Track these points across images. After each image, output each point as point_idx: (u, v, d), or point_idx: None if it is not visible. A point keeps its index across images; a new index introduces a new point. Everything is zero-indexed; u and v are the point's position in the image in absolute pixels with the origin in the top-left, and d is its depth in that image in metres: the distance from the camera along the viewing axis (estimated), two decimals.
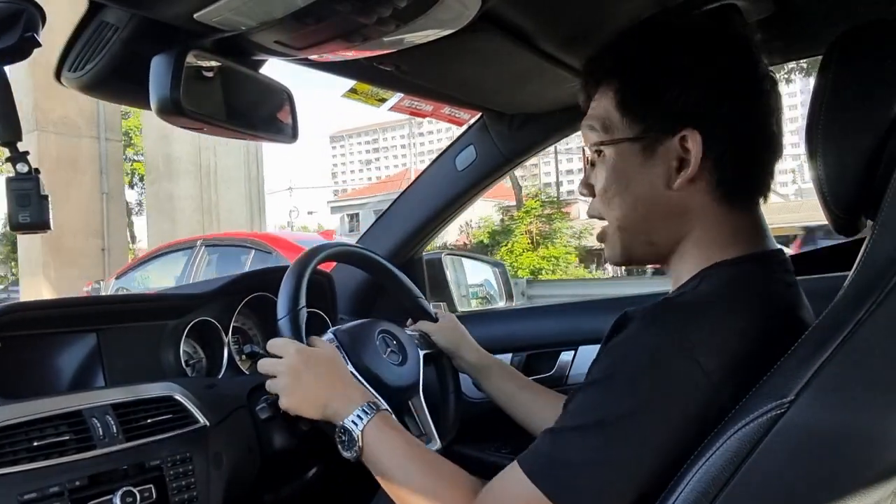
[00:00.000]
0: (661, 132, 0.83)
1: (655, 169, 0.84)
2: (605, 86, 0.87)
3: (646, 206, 0.86)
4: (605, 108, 0.87)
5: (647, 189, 0.85)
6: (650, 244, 0.89)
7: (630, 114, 0.85)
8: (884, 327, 0.63)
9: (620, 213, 0.87)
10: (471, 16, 0.96)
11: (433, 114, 1.65)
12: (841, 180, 0.76)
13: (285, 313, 1.20)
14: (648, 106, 0.84)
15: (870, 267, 0.67)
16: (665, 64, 0.83)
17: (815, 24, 1.11)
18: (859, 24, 0.76)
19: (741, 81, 0.82)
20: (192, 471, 1.17)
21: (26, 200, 0.90)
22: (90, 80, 1.00)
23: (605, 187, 0.88)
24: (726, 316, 0.76)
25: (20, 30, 0.82)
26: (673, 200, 0.84)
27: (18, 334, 1.19)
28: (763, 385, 0.67)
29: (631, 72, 0.86)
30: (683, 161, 0.82)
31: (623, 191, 0.86)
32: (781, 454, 0.63)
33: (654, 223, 0.87)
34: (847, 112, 0.75)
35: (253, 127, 1.13)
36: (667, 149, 0.83)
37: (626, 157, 0.86)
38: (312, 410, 1.06)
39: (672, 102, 0.82)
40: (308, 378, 1.07)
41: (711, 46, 0.83)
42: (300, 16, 0.87)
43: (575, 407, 0.78)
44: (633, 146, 0.85)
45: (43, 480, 0.99)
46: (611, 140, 0.86)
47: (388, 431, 0.98)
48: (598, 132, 0.88)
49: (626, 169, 0.86)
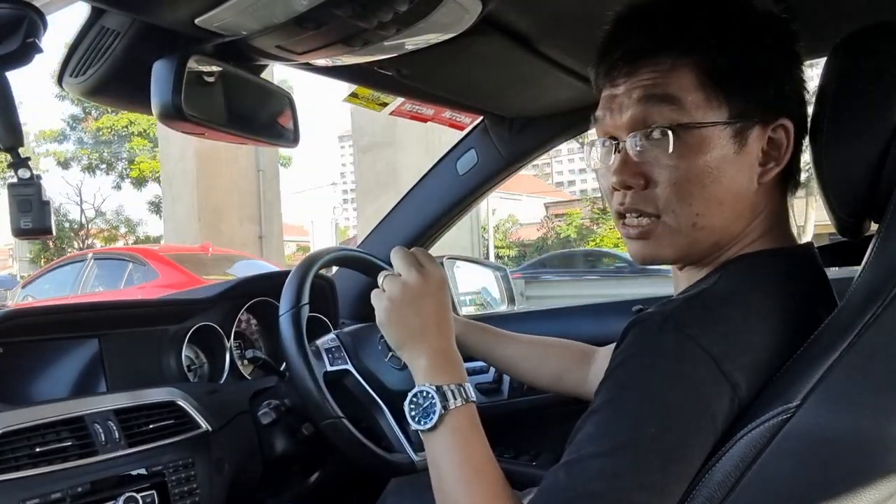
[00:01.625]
0: (758, 119, 0.74)
1: (746, 160, 0.75)
2: (686, 55, 0.74)
3: (732, 201, 0.75)
4: (682, 84, 0.74)
5: (735, 183, 0.75)
6: (715, 244, 0.78)
7: (722, 94, 0.74)
8: (890, 330, 0.63)
9: (702, 210, 0.75)
10: (472, 20, 0.96)
11: (434, 118, 1.65)
12: (846, 184, 0.76)
13: (287, 309, 1.20)
14: (748, 88, 0.74)
15: (876, 270, 0.67)
16: (765, 42, 0.74)
17: (818, 26, 1.11)
18: (864, 27, 0.76)
19: (802, 72, 0.79)
20: (194, 476, 1.17)
21: (28, 206, 0.90)
22: (92, 86, 1.00)
23: (684, 177, 0.74)
24: (751, 321, 0.69)
25: (22, 35, 0.82)
26: (757, 196, 0.76)
27: (20, 340, 1.19)
28: (769, 389, 0.67)
29: (728, 45, 0.74)
30: (768, 153, 0.75)
31: (709, 183, 0.74)
32: (787, 459, 0.62)
33: (732, 220, 0.76)
34: (851, 115, 0.75)
35: (254, 131, 1.13)
36: (756, 137, 0.75)
37: (714, 145, 0.73)
38: (406, 339, 0.89)
39: (769, 86, 0.75)
40: (410, 313, 0.89)
41: (779, 29, 0.77)
42: (301, 20, 0.86)
43: (593, 431, 0.66)
44: (724, 132, 0.74)
45: (45, 486, 0.98)
46: (699, 123, 0.73)
47: (475, 428, 0.82)
48: (672, 110, 0.74)
49: (715, 158, 0.74)
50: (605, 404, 0.67)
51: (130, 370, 1.32)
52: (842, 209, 0.77)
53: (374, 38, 0.94)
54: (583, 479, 0.64)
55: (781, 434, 0.62)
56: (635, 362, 0.68)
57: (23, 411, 1.04)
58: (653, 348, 0.67)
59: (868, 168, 0.73)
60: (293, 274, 1.25)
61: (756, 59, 0.74)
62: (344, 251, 1.45)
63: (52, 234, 0.94)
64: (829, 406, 0.63)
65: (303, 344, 1.18)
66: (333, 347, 1.28)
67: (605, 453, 0.64)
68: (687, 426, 0.64)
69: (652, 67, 0.75)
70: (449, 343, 0.89)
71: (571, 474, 0.65)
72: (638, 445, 0.63)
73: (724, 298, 0.71)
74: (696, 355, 0.65)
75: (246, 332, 1.59)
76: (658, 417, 0.64)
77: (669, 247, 0.78)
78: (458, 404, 0.81)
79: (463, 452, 0.79)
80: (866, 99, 0.74)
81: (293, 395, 1.28)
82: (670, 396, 0.64)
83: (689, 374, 0.64)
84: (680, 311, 0.69)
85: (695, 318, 0.68)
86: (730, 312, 0.69)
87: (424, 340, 0.87)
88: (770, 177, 0.76)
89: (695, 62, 0.74)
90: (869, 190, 0.74)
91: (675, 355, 0.66)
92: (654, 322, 0.68)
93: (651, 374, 0.66)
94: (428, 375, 0.85)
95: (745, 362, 0.66)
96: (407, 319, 0.88)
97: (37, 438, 1.02)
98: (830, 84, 0.75)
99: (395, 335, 0.89)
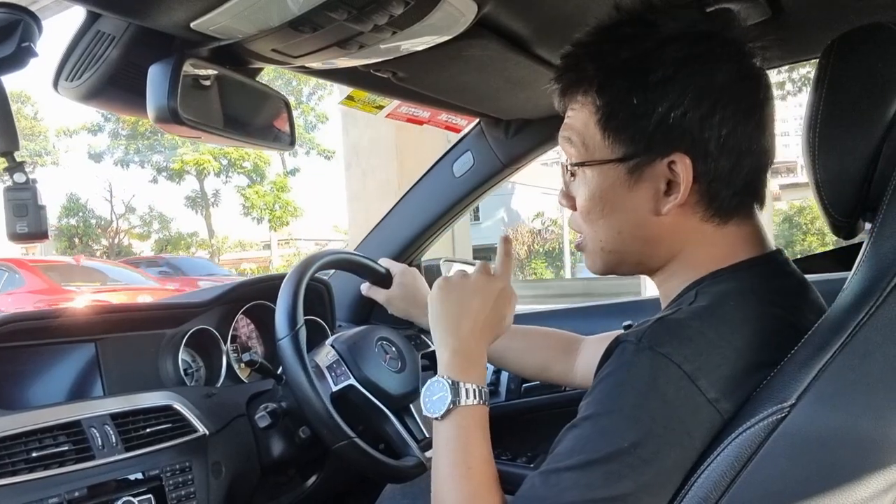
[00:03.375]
0: (648, 155, 0.76)
1: (641, 193, 0.78)
2: (584, 95, 0.79)
3: (632, 231, 0.80)
4: (584, 122, 0.79)
5: (632, 215, 0.79)
6: (637, 264, 0.84)
7: (613, 132, 0.77)
8: (883, 329, 0.63)
9: (604, 236, 0.82)
10: (467, 22, 0.96)
11: (430, 121, 1.65)
12: (839, 184, 0.76)
13: (285, 334, 1.20)
14: (635, 125, 0.76)
15: (869, 269, 0.67)
16: (655, 75, 0.74)
17: (810, 27, 1.11)
18: (855, 28, 0.76)
19: (737, 94, 0.75)
20: (191, 480, 1.17)
21: (24, 210, 0.90)
22: (87, 90, 1.00)
23: (588, 208, 0.81)
24: (725, 334, 0.70)
25: (17, 39, 0.82)
26: (662, 225, 0.78)
27: (16, 345, 1.19)
28: (764, 389, 0.67)
29: (614, 84, 0.77)
30: (672, 184, 0.76)
31: (607, 214, 0.80)
32: (782, 459, 0.63)
33: (640, 247, 0.81)
34: (844, 115, 0.75)
35: (250, 135, 1.13)
36: (654, 172, 0.76)
37: (608, 180, 0.79)
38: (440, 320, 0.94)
39: (661, 122, 0.74)
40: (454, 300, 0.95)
41: (707, 53, 0.74)
42: (296, 24, 0.87)
43: (571, 444, 0.70)
44: (616, 168, 0.78)
45: (42, 491, 0.98)
46: (592, 161, 0.79)
47: (479, 429, 0.86)
48: (577, 148, 0.81)
49: (609, 192, 0.79)
50: (583, 420, 0.71)
51: (127, 374, 1.32)
52: (835, 209, 0.77)
53: (370, 41, 0.94)
54: (558, 489, 0.68)
55: (776, 434, 0.63)
56: (612, 380, 0.71)
57: (19, 416, 1.04)
58: (629, 367, 0.70)
59: (861, 168, 0.74)
60: (285, 286, 1.25)
61: (636, 98, 0.75)
62: (339, 254, 1.45)
63: (48, 238, 0.94)
64: (823, 405, 0.63)
65: (306, 368, 1.18)
66: (333, 363, 1.28)
67: (579, 466, 0.68)
68: (660, 441, 0.66)
69: (571, 106, 0.82)
70: (477, 345, 0.93)
71: (548, 484, 0.69)
72: (610, 459, 0.66)
73: (696, 315, 0.73)
74: (671, 372, 0.67)
75: (242, 335, 1.59)
76: (631, 433, 0.66)
77: (596, 261, 0.85)
78: (469, 403, 0.86)
79: (462, 448, 0.83)
80: (858, 99, 0.74)
81: (290, 398, 1.28)
82: (644, 413, 0.67)
83: (663, 392, 0.67)
84: (653, 331, 0.71)
85: (668, 337, 0.70)
86: (702, 328, 0.71)
87: (456, 333, 0.92)
88: (670, 207, 0.76)
89: (595, 102, 0.78)
90: (861, 190, 0.74)
91: (650, 374, 0.68)
92: (630, 342, 0.71)
93: (626, 392, 0.69)
94: (447, 368, 0.89)
95: (722, 376, 0.68)
96: (449, 305, 0.94)
97: (33, 443, 1.02)
98: (823, 84, 0.76)
99: (433, 315, 0.95)
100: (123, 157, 25.00)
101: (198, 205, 26.25)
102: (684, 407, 0.67)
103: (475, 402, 0.86)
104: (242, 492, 1.29)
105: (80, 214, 25.07)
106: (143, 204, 29.74)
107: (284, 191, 25.07)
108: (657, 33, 0.76)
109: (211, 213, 26.34)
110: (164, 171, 24.79)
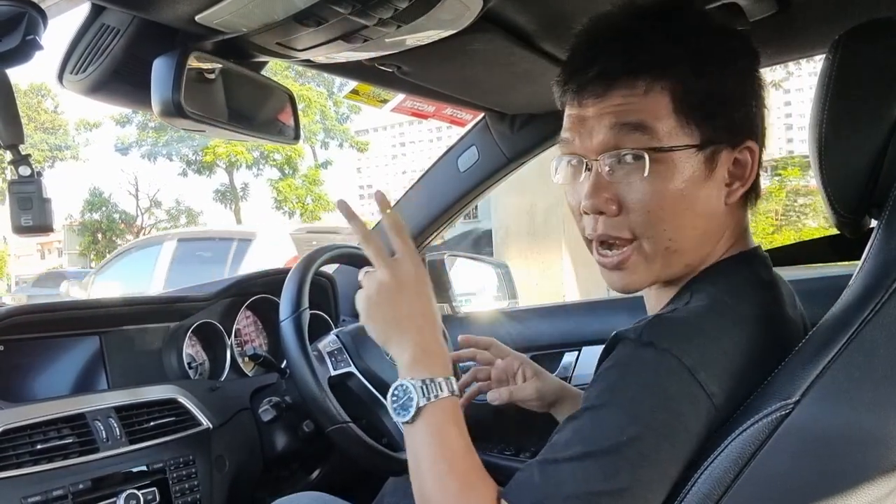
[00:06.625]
0: (727, 142, 0.76)
1: (715, 182, 0.76)
2: (660, 80, 0.74)
3: (704, 224, 0.78)
4: (656, 108, 0.74)
5: (706, 205, 0.77)
6: (686, 265, 0.80)
7: (694, 119, 0.75)
8: (889, 326, 0.63)
9: (675, 234, 0.77)
10: (472, 16, 0.96)
11: (435, 115, 1.65)
12: (845, 180, 0.76)
13: (288, 315, 1.20)
14: (721, 111, 0.75)
15: (875, 266, 0.67)
16: (733, 64, 0.76)
17: (817, 23, 1.11)
18: (861, 23, 0.76)
19: (763, 89, 0.80)
20: (195, 473, 1.17)
21: (28, 203, 0.90)
22: (92, 83, 1.00)
23: (656, 202, 0.75)
24: (721, 330, 0.71)
25: (22, 33, 0.82)
26: (726, 216, 0.79)
27: (21, 338, 1.19)
28: (768, 385, 0.67)
29: (704, 70, 0.75)
30: (734, 174, 0.77)
31: (684, 208, 0.76)
32: (786, 455, 0.63)
33: (703, 241, 0.79)
34: (850, 112, 0.74)
35: (254, 128, 1.13)
36: (724, 160, 0.76)
37: (686, 169, 0.75)
38: (386, 335, 0.87)
39: (738, 109, 0.76)
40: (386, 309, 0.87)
41: (748, 50, 0.79)
42: (301, 17, 0.87)
43: (570, 436, 0.69)
44: (695, 156, 0.75)
45: (46, 483, 0.99)
46: (671, 147, 0.74)
47: (450, 423, 0.81)
48: (644, 134, 0.75)
49: (688, 182, 0.75)
50: (584, 412, 0.70)
51: (131, 367, 1.33)
52: (841, 205, 0.77)
53: (375, 34, 0.94)
54: (555, 480, 0.67)
55: (780, 430, 0.62)
56: (613, 374, 0.70)
57: (24, 408, 1.04)
58: (629, 361, 0.70)
59: (867, 164, 0.73)
60: (292, 275, 1.26)
61: (729, 84, 0.76)
62: (343, 248, 1.45)
63: (52, 231, 0.95)
64: (827, 402, 0.63)
65: (305, 349, 1.19)
66: (335, 350, 1.28)
67: (577, 457, 0.67)
68: (659, 435, 0.66)
69: (626, 91, 0.75)
70: (430, 336, 0.86)
71: (545, 474, 0.69)
72: (609, 452, 0.66)
73: (695, 311, 0.73)
74: (672, 366, 0.67)
75: (246, 329, 1.59)
76: (631, 426, 0.66)
77: (644, 273, 0.80)
78: (434, 399, 0.81)
79: (437, 446, 0.79)
80: (865, 95, 0.74)
81: (294, 392, 1.28)
82: (643, 407, 0.66)
83: (663, 386, 0.67)
84: (652, 326, 0.71)
85: (669, 332, 0.70)
86: (701, 323, 0.71)
87: (404, 335, 0.86)
88: (736, 196, 0.78)
89: (670, 87, 0.74)
90: (868, 186, 0.74)
91: (651, 367, 0.68)
92: (630, 339, 0.71)
93: (626, 385, 0.68)
94: (407, 370, 0.84)
95: (721, 370, 0.68)
96: (384, 316, 0.87)
97: (38, 436, 1.02)
98: (829, 80, 0.75)
99: (375, 332, 0.88)
100: (151, 150, 24.70)
101: (227, 198, 25.91)
102: (684, 402, 0.67)
103: (446, 395, 0.81)
104: (246, 485, 1.30)
105: (104, 209, 24.86)
106: (170, 198, 29.42)
107: (317, 184, 24.58)
108: (720, 25, 0.79)
109: (240, 207, 26.17)
110: (194, 165, 24.51)
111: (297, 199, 23.89)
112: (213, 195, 26.12)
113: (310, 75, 21.45)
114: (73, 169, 24.76)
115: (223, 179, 25.50)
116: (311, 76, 22.02)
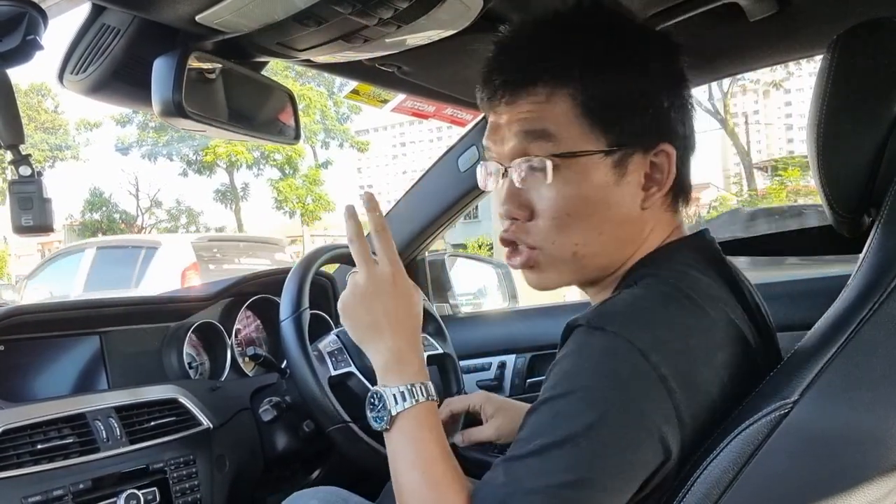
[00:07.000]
0: (637, 146, 0.75)
1: (627, 188, 0.76)
2: (561, 86, 0.74)
3: (613, 229, 0.77)
4: (559, 114, 0.74)
5: (619, 210, 0.76)
6: (601, 269, 0.80)
7: (600, 123, 0.74)
8: (888, 326, 0.63)
9: (581, 239, 0.77)
10: (473, 16, 0.96)
11: (435, 115, 1.65)
12: (844, 180, 0.76)
13: (288, 315, 1.20)
14: (628, 116, 0.74)
15: (874, 265, 0.67)
16: (640, 65, 0.75)
17: (817, 23, 1.11)
18: (861, 23, 0.76)
19: (687, 88, 0.79)
20: (195, 473, 1.17)
21: (29, 203, 0.90)
22: (92, 83, 1.00)
23: (563, 209, 0.76)
24: (670, 313, 0.70)
25: (22, 33, 0.82)
26: (641, 220, 0.78)
27: (21, 337, 1.19)
28: (766, 385, 0.67)
29: (601, 72, 0.74)
30: (650, 177, 0.76)
31: (590, 213, 0.76)
32: (785, 455, 0.63)
33: (616, 246, 0.78)
34: (849, 111, 0.75)
35: (255, 128, 1.13)
36: (637, 164, 0.75)
37: (594, 174, 0.74)
38: (361, 338, 0.87)
39: (656, 113, 0.75)
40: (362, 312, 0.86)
41: (669, 48, 0.78)
42: (302, 17, 0.87)
43: (530, 431, 0.69)
44: (604, 161, 0.74)
45: (46, 483, 0.99)
46: (574, 152, 0.74)
47: (423, 429, 0.81)
48: (548, 141, 0.75)
49: (595, 188, 0.75)
50: (541, 404, 0.69)
51: (131, 367, 1.33)
52: (839, 205, 0.77)
53: (375, 34, 0.94)
54: (517, 476, 0.67)
55: (779, 430, 0.62)
56: (566, 362, 0.70)
57: (24, 408, 1.04)
58: (580, 347, 0.69)
59: (866, 163, 0.73)
60: (292, 275, 1.26)
61: (631, 87, 0.74)
62: (343, 248, 1.45)
63: (53, 231, 0.95)
64: (827, 401, 0.63)
65: (306, 349, 1.19)
66: (336, 350, 1.28)
67: (537, 451, 0.66)
68: (615, 421, 0.65)
69: (530, 98, 0.76)
70: (404, 342, 0.85)
71: (508, 472, 0.68)
72: (566, 442, 0.65)
73: (642, 295, 0.72)
74: (623, 349, 0.66)
75: (246, 329, 1.59)
76: (586, 414, 0.65)
77: (555, 274, 0.80)
78: (407, 407, 0.81)
79: (412, 453, 0.80)
80: (863, 95, 0.74)
81: (294, 392, 1.28)
82: (597, 394, 0.66)
83: (616, 370, 0.66)
84: (601, 312, 0.71)
85: (618, 316, 0.69)
86: (650, 306, 0.71)
87: (379, 340, 0.85)
88: (654, 200, 0.77)
89: (569, 93, 0.74)
90: (866, 186, 0.74)
91: (603, 351, 0.67)
92: (581, 324, 0.70)
93: (580, 373, 0.68)
94: (382, 377, 0.84)
95: (674, 352, 0.67)
96: (360, 319, 0.87)
97: (38, 436, 1.03)
98: (828, 80, 0.75)
99: (353, 335, 0.88)
100: (151, 150, 24.71)
101: (227, 198, 25.93)
102: (637, 384, 0.65)
103: (422, 400, 0.81)
104: (246, 485, 1.30)
105: (104, 209, 24.87)
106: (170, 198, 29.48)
107: (317, 184, 24.54)
108: (630, 27, 0.78)
109: (241, 207, 26.13)
110: (194, 165, 24.50)
111: (297, 198, 23.89)
112: (213, 195, 26.14)
113: (310, 75, 21.41)
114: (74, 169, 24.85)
115: (224, 179, 25.54)
116: (312, 76, 21.98)
